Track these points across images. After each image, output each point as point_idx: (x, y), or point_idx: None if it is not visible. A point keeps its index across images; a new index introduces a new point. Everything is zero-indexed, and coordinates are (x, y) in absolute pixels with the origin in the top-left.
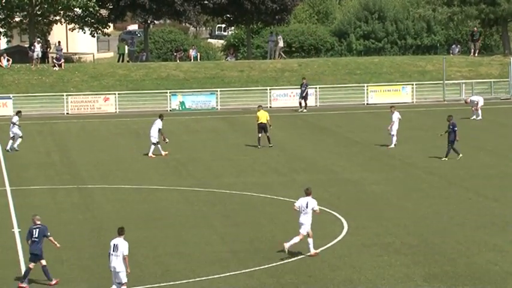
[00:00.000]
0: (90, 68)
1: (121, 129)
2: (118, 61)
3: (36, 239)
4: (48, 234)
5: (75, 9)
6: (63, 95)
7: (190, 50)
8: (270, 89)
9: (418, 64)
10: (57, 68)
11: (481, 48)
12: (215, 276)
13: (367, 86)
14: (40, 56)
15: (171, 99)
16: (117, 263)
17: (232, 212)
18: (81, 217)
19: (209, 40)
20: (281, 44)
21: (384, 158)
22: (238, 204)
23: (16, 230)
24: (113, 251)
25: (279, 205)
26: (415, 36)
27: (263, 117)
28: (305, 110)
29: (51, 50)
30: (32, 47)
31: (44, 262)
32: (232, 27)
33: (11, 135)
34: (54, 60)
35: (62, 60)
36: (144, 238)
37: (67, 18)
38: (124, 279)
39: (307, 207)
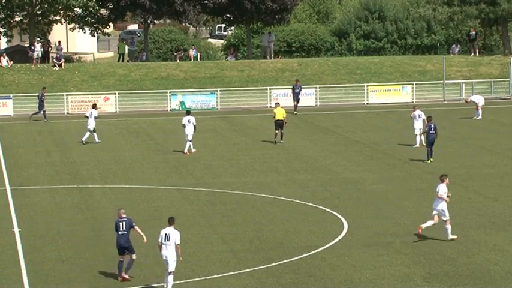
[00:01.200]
0: (90, 67)
1: (121, 129)
2: (118, 61)
3: (124, 232)
4: (134, 224)
5: (75, 9)
6: (63, 95)
7: (191, 50)
8: (270, 89)
9: (418, 64)
10: (57, 68)
11: (481, 48)
12: (215, 275)
13: (367, 86)
14: (40, 55)
15: (171, 99)
16: (169, 252)
17: (232, 211)
18: (81, 217)
19: (209, 40)
20: (266, 43)
21: (384, 157)
22: (238, 204)
23: (16, 229)
24: (165, 240)
25: (279, 205)
26: (415, 36)
27: (280, 114)
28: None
29: (52, 50)
30: (32, 47)
31: (134, 256)
32: (232, 27)
33: (89, 128)
34: (54, 60)
35: (62, 60)
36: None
37: (67, 18)
38: (173, 268)
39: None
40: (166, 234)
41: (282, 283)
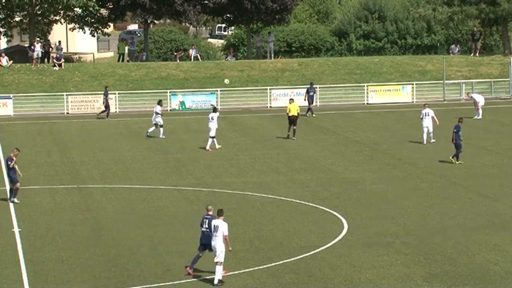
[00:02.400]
0: (90, 67)
1: (121, 128)
2: (118, 61)
3: (206, 229)
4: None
5: (75, 9)
6: (63, 95)
7: (190, 50)
8: (270, 89)
9: (418, 64)
10: (57, 68)
11: (481, 48)
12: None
13: (367, 86)
14: (40, 55)
15: (171, 99)
16: (217, 243)
17: (232, 211)
18: (81, 217)
19: (209, 40)
20: (259, 43)
21: (384, 157)
22: (238, 204)
23: (16, 229)
24: (214, 231)
25: (279, 205)
26: (415, 36)
27: (294, 109)
28: (312, 115)
29: (52, 50)
30: (32, 47)
31: (201, 254)
32: (232, 27)
33: (154, 122)
34: (54, 60)
35: (62, 60)
36: (144, 237)
37: (67, 18)
38: (222, 259)
39: None
40: (214, 225)
41: (282, 283)
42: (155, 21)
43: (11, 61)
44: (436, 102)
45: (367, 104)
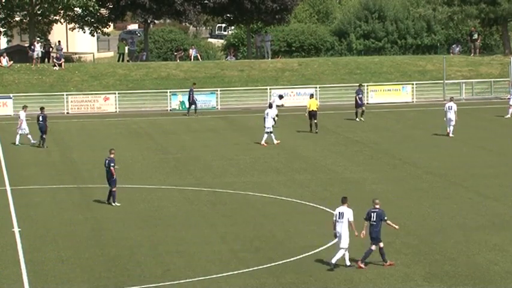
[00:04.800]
0: (90, 67)
1: (121, 128)
2: (118, 61)
3: (374, 223)
4: (385, 218)
5: (75, 8)
6: (63, 95)
7: (190, 50)
8: (270, 89)
9: (418, 64)
10: (57, 68)
11: (481, 48)
12: (215, 275)
13: (367, 86)
14: (40, 55)
15: (171, 99)
16: (342, 229)
17: (233, 211)
18: (81, 217)
19: (209, 40)
20: (259, 43)
21: (384, 157)
22: (238, 204)
23: (16, 229)
24: (339, 218)
25: (279, 204)
26: (415, 36)
27: (313, 105)
28: (361, 118)
29: (53, 50)
30: (32, 47)
31: (381, 244)
32: (232, 27)
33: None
34: (54, 60)
35: (62, 60)
36: (144, 237)
37: (67, 18)
38: (345, 245)
39: None
40: (340, 212)
41: (282, 283)
42: (155, 21)
43: (11, 61)
44: (436, 102)
45: (367, 103)
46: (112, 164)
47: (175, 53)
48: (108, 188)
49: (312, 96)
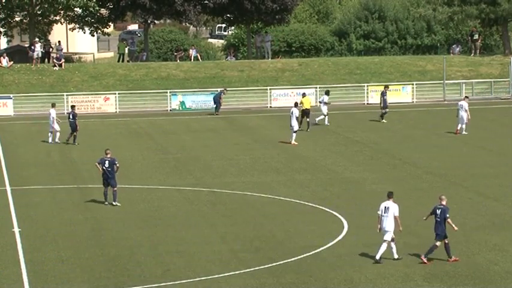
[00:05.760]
0: (90, 67)
1: (121, 129)
2: (118, 61)
3: (438, 219)
4: (448, 216)
5: (75, 9)
6: (63, 95)
7: (191, 50)
8: (270, 89)
9: (419, 64)
10: (57, 68)
11: (481, 48)
12: (215, 275)
13: (367, 86)
14: (40, 55)
15: (171, 99)
16: (387, 223)
17: (233, 211)
18: (81, 217)
19: (209, 40)
20: (259, 44)
21: (384, 157)
22: (238, 204)
23: (16, 229)
24: (384, 212)
25: (279, 205)
26: (415, 36)
27: (307, 103)
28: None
29: (53, 50)
30: (32, 47)
31: (447, 240)
32: (233, 27)
33: (323, 113)
34: (55, 60)
35: (62, 60)
36: (144, 237)
37: (67, 18)
38: (389, 237)
39: None
40: (385, 207)
41: (283, 283)
42: (155, 21)
43: (11, 61)
44: (436, 102)
45: (367, 104)
46: (116, 163)
47: (175, 53)
48: (103, 189)
49: (304, 94)
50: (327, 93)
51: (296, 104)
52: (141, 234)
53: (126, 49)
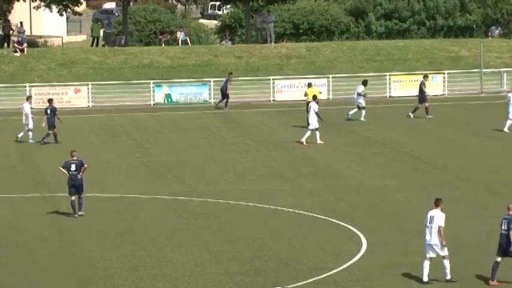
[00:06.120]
0: (59, 53)
1: (95, 126)
2: (91, 45)
3: (504, 232)
4: None
5: None
6: (25, 86)
7: (178, 33)
8: (273, 79)
9: (451, 49)
10: (18, 54)
11: None
12: None
13: (389, 76)
14: None
15: (155, 91)
16: (432, 236)
17: (228, 225)
18: (46, 232)
19: (200, 21)
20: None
21: (410, 160)
22: (235, 216)
23: None
24: (429, 223)
25: (284, 217)
26: (446, 16)
27: (312, 94)
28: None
29: (14, 33)
30: None
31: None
32: (228, 5)
33: (361, 106)
34: (15, 45)
35: (25, 45)
36: (121, 257)
37: None
38: (442, 252)
39: None
40: (431, 216)
41: None
42: None
43: None
44: (471, 95)
45: (389, 97)
46: (84, 164)
47: (160, 37)
48: (71, 198)
49: (310, 84)
50: (364, 83)
51: (315, 98)
52: (119, 253)
53: (101, 31)
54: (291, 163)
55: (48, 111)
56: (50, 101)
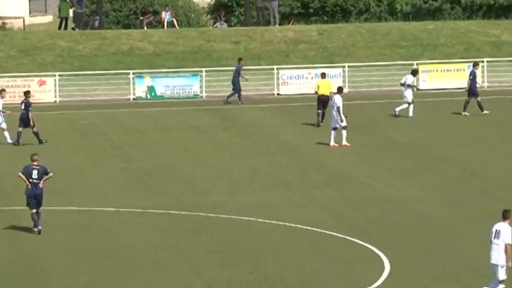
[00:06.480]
0: (19, 38)
1: (63, 125)
2: (59, 28)
3: None
4: None
5: None
6: None
7: (163, 13)
8: (277, 69)
9: (491, 32)
10: None
11: None
12: None
13: (417, 64)
14: None
15: (136, 83)
16: (496, 254)
17: (224, 244)
18: (5, 252)
19: None
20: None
21: (441, 166)
22: (232, 234)
23: None
24: (494, 237)
25: (291, 234)
26: None
27: (325, 87)
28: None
29: None
30: None
31: None
32: None
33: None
34: None
35: None
36: (97, 281)
37: None
38: (502, 276)
39: None
40: (496, 230)
41: None
42: None
43: None
44: None
45: (417, 90)
46: (48, 172)
47: (142, 18)
48: (31, 211)
49: (324, 75)
50: (414, 73)
51: (340, 90)
52: (94, 277)
53: (71, 11)
54: (299, 169)
55: (23, 106)
56: (27, 93)
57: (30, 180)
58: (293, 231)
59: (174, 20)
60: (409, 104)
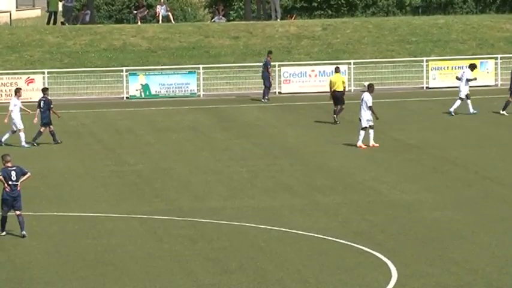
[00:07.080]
0: (6, 33)
1: (53, 126)
2: (48, 23)
3: None
4: None
5: None
6: None
7: (158, 6)
8: (278, 66)
9: (505, 27)
10: None
11: None
12: None
13: (427, 61)
14: None
15: (129, 81)
16: None
17: (222, 252)
18: None
19: None
20: None
21: (452, 169)
22: (230, 241)
23: None
24: None
25: (294, 242)
26: None
27: (339, 82)
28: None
29: None
30: None
31: None
32: None
33: (461, 96)
34: None
35: None
36: None
37: None
38: None
39: None
40: None
41: None
42: None
43: None
44: None
45: (426, 88)
46: (26, 172)
47: (135, 12)
48: (14, 214)
49: (337, 70)
50: (472, 67)
51: (370, 88)
52: (85, 286)
53: (60, 5)
54: (302, 173)
55: (42, 103)
56: (45, 90)
57: (10, 182)
58: (295, 238)
59: (169, 14)
60: (462, 100)
